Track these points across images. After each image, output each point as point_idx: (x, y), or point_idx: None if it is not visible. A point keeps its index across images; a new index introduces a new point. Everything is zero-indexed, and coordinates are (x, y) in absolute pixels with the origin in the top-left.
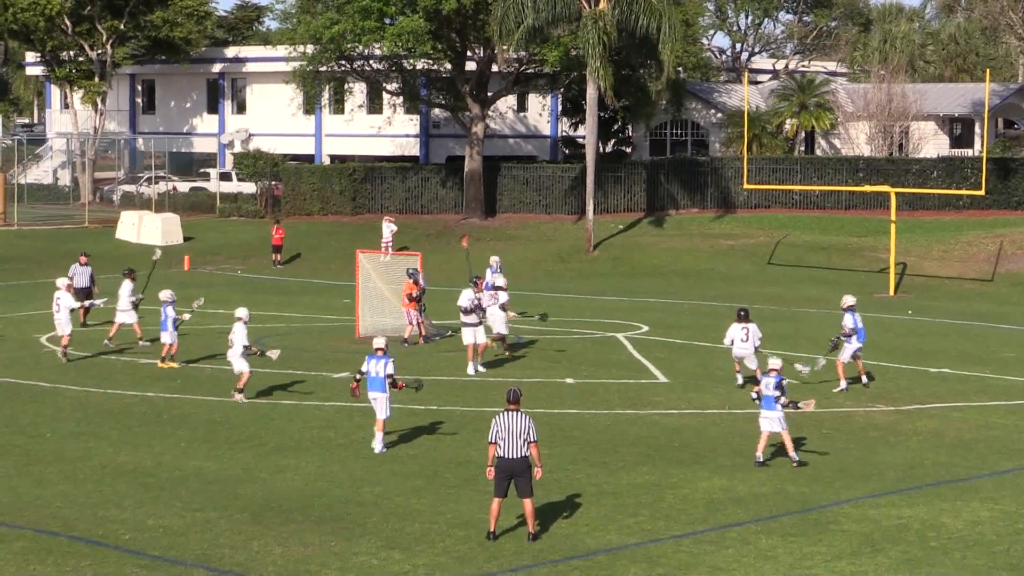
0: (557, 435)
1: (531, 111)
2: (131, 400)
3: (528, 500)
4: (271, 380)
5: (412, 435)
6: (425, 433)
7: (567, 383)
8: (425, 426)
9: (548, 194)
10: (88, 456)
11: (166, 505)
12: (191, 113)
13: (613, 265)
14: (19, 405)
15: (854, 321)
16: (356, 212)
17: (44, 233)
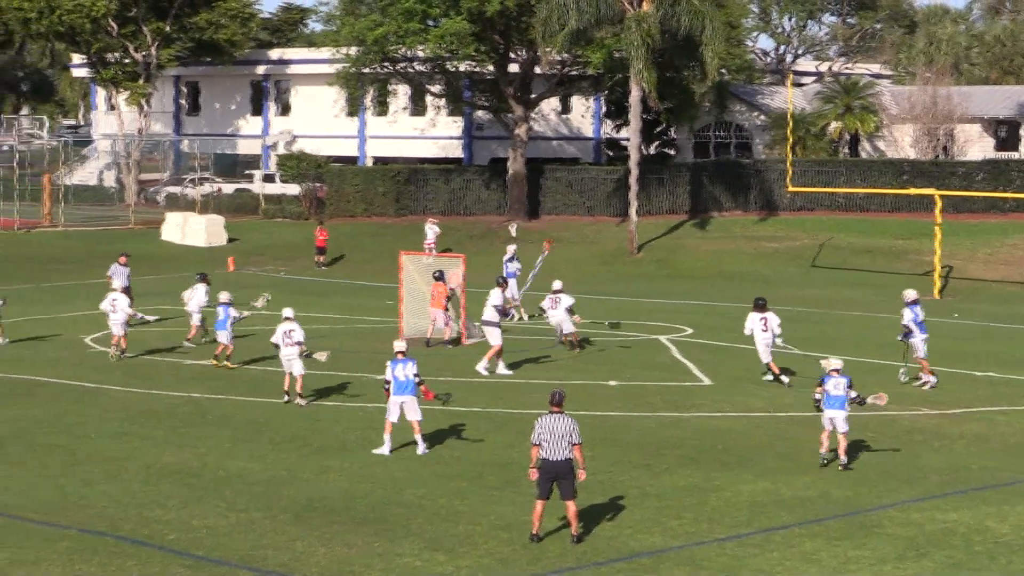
0: (600, 437)
1: (574, 113)
2: (175, 400)
3: (571, 502)
4: (314, 382)
5: (455, 437)
6: (468, 435)
7: (610, 385)
8: (468, 428)
9: (591, 196)
10: (133, 456)
11: (210, 505)
12: (235, 115)
13: (656, 267)
14: (64, 405)
15: (913, 315)
16: (399, 214)
17: (89, 234)
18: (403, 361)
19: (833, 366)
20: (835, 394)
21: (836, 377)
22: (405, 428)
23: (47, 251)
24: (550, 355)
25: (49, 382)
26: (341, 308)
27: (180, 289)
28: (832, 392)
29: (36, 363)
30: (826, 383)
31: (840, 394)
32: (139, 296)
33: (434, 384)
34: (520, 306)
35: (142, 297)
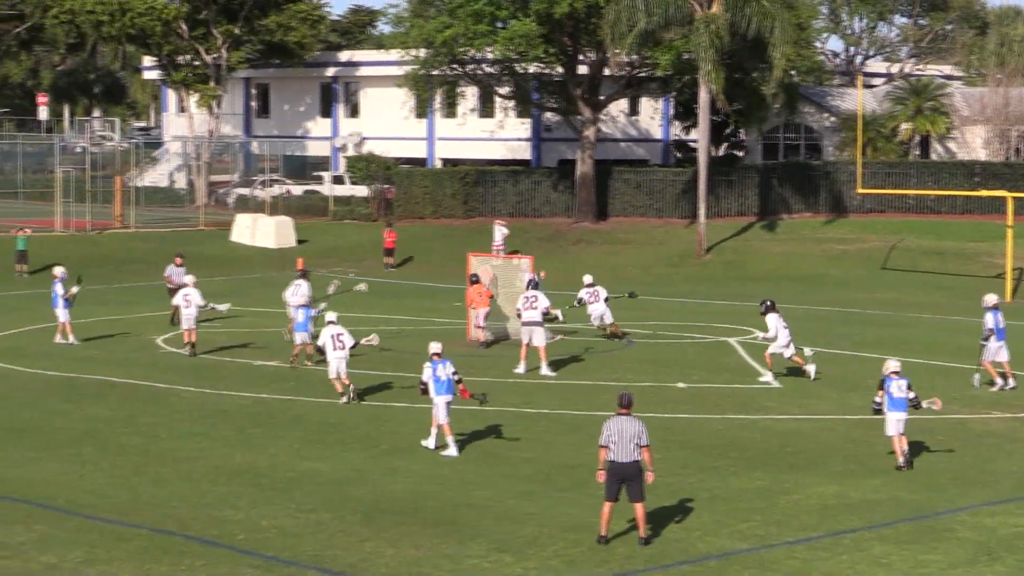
0: (669, 439)
1: (643, 115)
2: (245, 401)
3: (639, 504)
4: (384, 382)
5: (523, 438)
6: (536, 436)
7: (678, 387)
8: (536, 429)
9: (660, 198)
10: (203, 456)
11: (280, 506)
12: (305, 117)
13: (725, 269)
14: (136, 406)
15: (995, 320)
16: (468, 215)
17: (160, 235)
18: (441, 362)
19: (892, 368)
20: (899, 396)
21: (897, 379)
22: (480, 429)
23: (118, 252)
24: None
25: (121, 382)
26: (409, 310)
27: (249, 290)
28: (896, 395)
29: (108, 364)
30: (888, 386)
31: (903, 396)
32: (209, 296)
33: (504, 386)
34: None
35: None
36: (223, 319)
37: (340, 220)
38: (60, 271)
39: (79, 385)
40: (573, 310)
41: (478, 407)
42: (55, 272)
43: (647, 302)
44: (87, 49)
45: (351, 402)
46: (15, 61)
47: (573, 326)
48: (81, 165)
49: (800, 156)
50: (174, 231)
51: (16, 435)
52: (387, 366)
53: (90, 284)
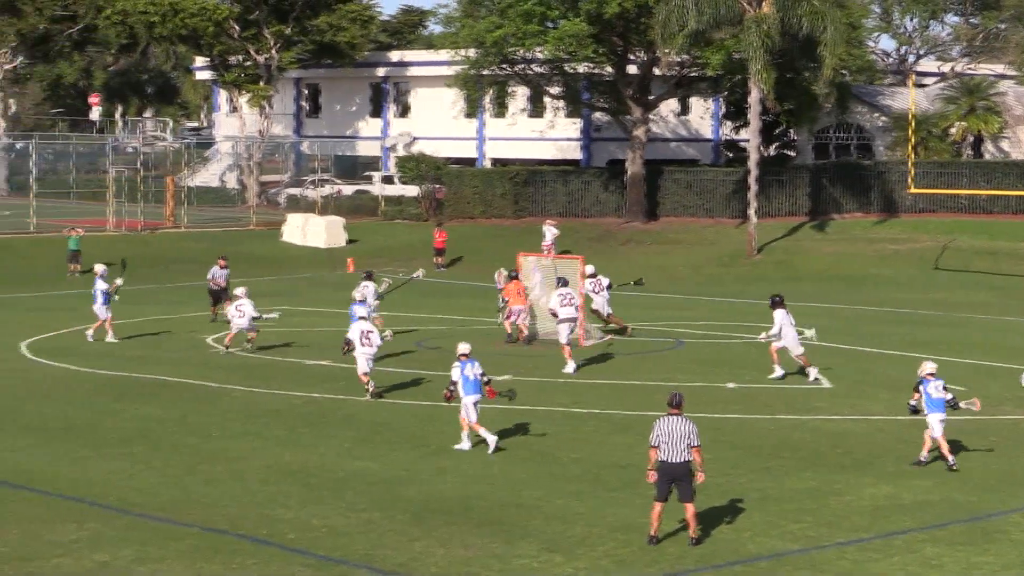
0: (719, 439)
1: (693, 114)
2: (297, 401)
3: (690, 505)
4: (433, 383)
5: (573, 438)
6: (586, 436)
7: (729, 387)
8: (586, 429)
9: (710, 198)
10: (254, 456)
11: (330, 505)
12: (355, 117)
13: (775, 269)
14: (188, 405)
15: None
16: (518, 215)
17: (211, 235)
18: (470, 361)
19: (929, 370)
20: (937, 397)
21: (934, 380)
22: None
23: (169, 252)
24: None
25: (173, 382)
26: (459, 309)
27: (299, 290)
28: (934, 395)
29: (160, 363)
30: (926, 387)
31: (942, 396)
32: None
33: (554, 386)
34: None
35: (262, 298)
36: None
37: (390, 220)
38: (101, 268)
39: (131, 384)
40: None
41: (507, 404)
42: (96, 269)
43: (696, 302)
44: (139, 50)
45: (372, 398)
46: (68, 62)
47: (624, 325)
48: (133, 165)
49: (851, 156)
50: (225, 231)
51: (68, 434)
52: (436, 366)
53: (142, 283)
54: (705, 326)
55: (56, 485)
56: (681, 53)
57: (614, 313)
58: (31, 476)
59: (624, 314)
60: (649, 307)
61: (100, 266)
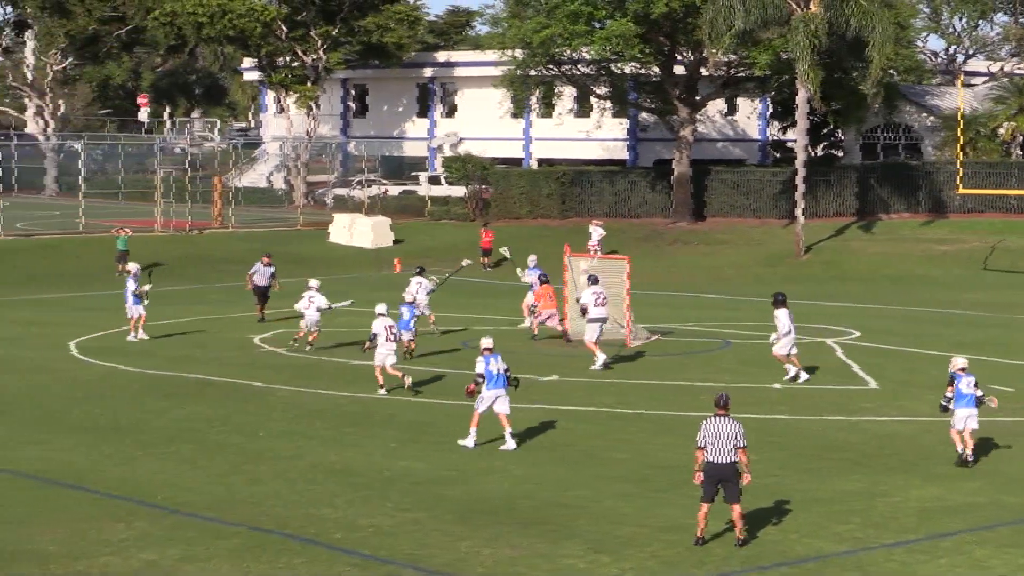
0: (766, 440)
1: (740, 114)
2: (342, 400)
3: (736, 506)
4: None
5: (619, 438)
6: (632, 437)
7: (775, 388)
8: (632, 430)
9: (757, 198)
10: (300, 455)
11: (376, 505)
12: (402, 117)
13: (823, 269)
14: (235, 404)
15: None
16: (564, 215)
17: (258, 235)
18: (494, 356)
19: (960, 365)
20: (968, 392)
21: (966, 376)
22: (576, 427)
23: (217, 252)
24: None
25: (219, 381)
26: (505, 309)
27: (346, 290)
28: (965, 391)
29: (206, 363)
30: (958, 382)
31: (972, 392)
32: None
33: (600, 387)
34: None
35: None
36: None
37: (437, 220)
38: (134, 267)
39: (177, 384)
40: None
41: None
42: (128, 268)
43: (743, 302)
44: (187, 51)
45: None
46: (117, 63)
47: (670, 325)
48: (181, 166)
49: (899, 156)
50: (272, 231)
51: (118, 433)
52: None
53: (190, 284)
54: (752, 327)
55: (104, 484)
56: (728, 53)
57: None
58: (80, 475)
59: (670, 315)
60: (695, 307)
61: (133, 265)
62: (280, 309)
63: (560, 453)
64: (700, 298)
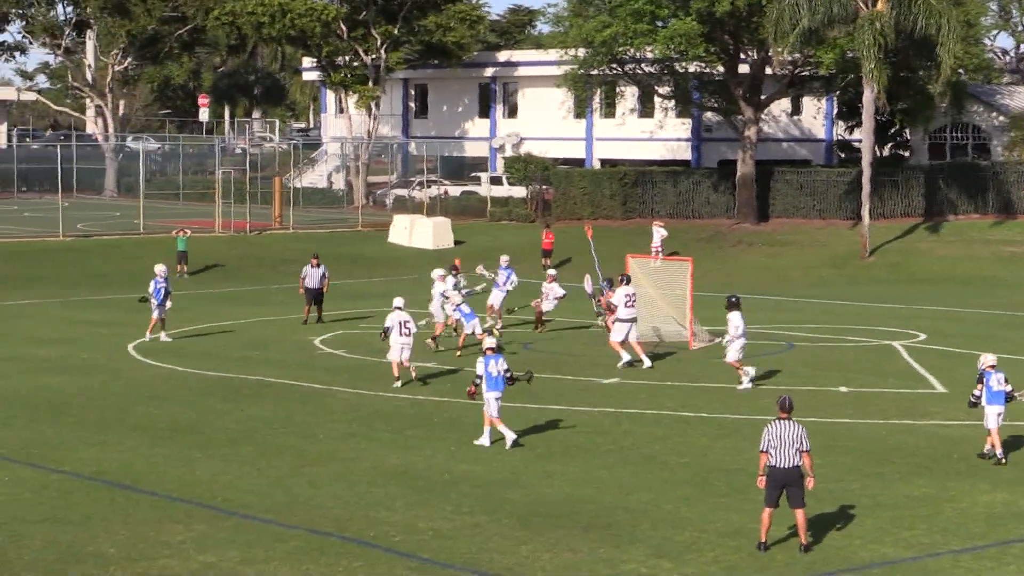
0: (830, 444)
1: (805, 114)
2: (402, 403)
3: (800, 511)
4: (539, 385)
5: (682, 442)
6: (695, 440)
7: (841, 392)
8: (694, 433)
9: (822, 199)
10: (360, 457)
11: (436, 508)
12: (463, 117)
13: (889, 271)
14: (294, 406)
15: None
16: (626, 216)
17: (318, 236)
18: (494, 357)
19: (989, 362)
20: (998, 389)
21: (996, 372)
22: (639, 430)
23: (277, 253)
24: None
25: (277, 383)
26: (566, 311)
27: (406, 290)
28: (995, 388)
29: (265, 364)
30: (988, 379)
31: (1002, 389)
32: (367, 297)
33: (662, 390)
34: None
35: (369, 299)
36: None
37: (497, 221)
38: (161, 268)
39: (237, 385)
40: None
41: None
42: (156, 270)
43: (807, 304)
44: (247, 51)
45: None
46: (177, 63)
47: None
48: (241, 166)
49: (968, 156)
50: (332, 232)
51: (177, 435)
52: (545, 368)
53: (250, 285)
54: (816, 329)
55: (164, 486)
56: (793, 52)
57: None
58: (139, 477)
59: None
60: (759, 309)
61: (161, 267)
62: (338, 311)
63: (622, 456)
64: (763, 300)
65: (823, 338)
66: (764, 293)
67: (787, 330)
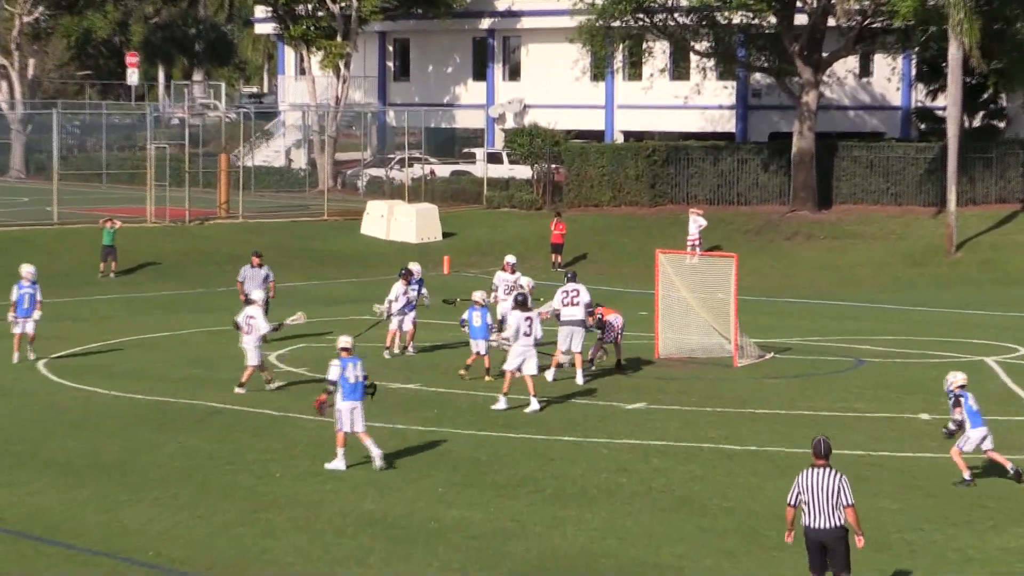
0: (909, 484)
1: (877, 76)
2: (378, 433)
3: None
4: (551, 412)
5: (725, 482)
6: (741, 480)
7: (921, 419)
8: (741, 472)
9: (898, 180)
10: (326, 501)
11: (419, 563)
12: (453, 80)
13: (981, 270)
14: (244, 437)
15: None
16: (655, 202)
17: (274, 227)
18: (352, 360)
19: (960, 381)
20: (977, 409)
21: (969, 393)
22: (671, 468)
23: (224, 248)
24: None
25: (225, 408)
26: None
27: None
28: (975, 408)
29: (210, 385)
30: (967, 401)
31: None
32: (336, 304)
33: (701, 417)
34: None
35: (339, 305)
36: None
37: (496, 208)
38: (28, 271)
39: (174, 412)
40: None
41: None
42: (22, 271)
43: (881, 311)
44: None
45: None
46: (100, 13)
47: (788, 340)
48: (179, 140)
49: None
50: (292, 222)
51: (99, 473)
52: (553, 390)
53: (189, 288)
54: (892, 342)
55: (83, 536)
56: (862, 0)
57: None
58: (53, 525)
59: (788, 326)
60: (820, 317)
61: (28, 267)
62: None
63: (651, 500)
64: (825, 306)
65: (899, 352)
66: (826, 297)
67: (855, 343)
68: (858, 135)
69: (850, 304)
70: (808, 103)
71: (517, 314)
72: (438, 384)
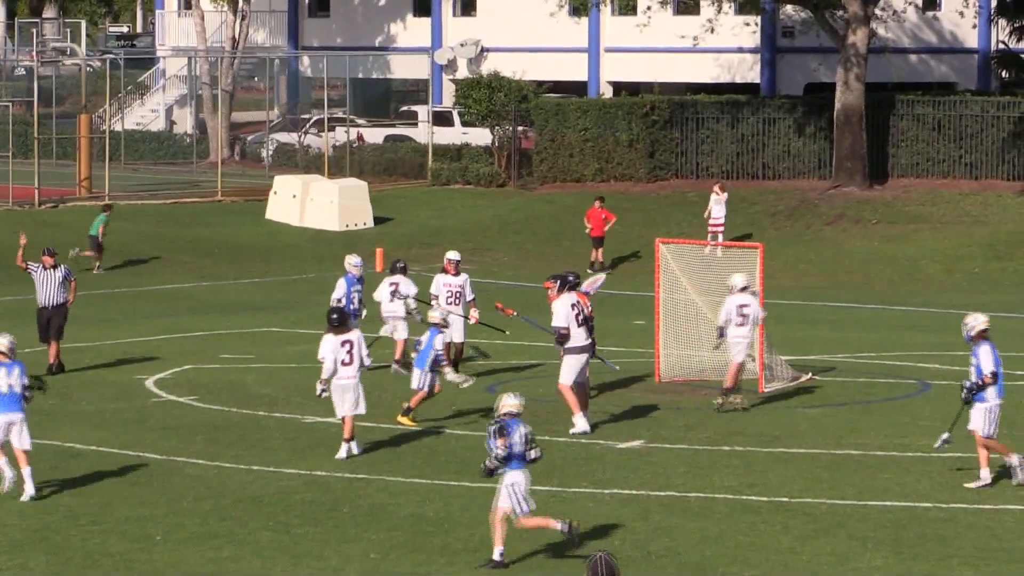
0: (992, 547)
1: (945, 10)
2: (290, 480)
3: None
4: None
5: (748, 543)
6: (768, 540)
7: (1011, 463)
8: (768, 529)
9: (974, 146)
10: (222, 573)
11: None
12: (387, 16)
13: None
14: (115, 488)
15: None
16: (655, 176)
17: (151, 211)
18: (7, 364)
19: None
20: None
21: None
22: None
23: (84, 236)
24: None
25: (88, 451)
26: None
27: (295, 301)
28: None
29: (71, 420)
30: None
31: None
32: (231, 312)
33: (716, 459)
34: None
35: (233, 314)
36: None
37: (445, 185)
38: None
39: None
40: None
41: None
42: None
43: (952, 318)
44: None
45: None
46: None
47: (832, 357)
48: (25, 97)
49: None
50: (175, 205)
51: None
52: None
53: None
54: (965, 358)
55: None
56: None
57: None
58: None
59: (831, 339)
60: (875, 327)
61: None
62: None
63: (653, 568)
64: (879, 311)
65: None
66: (880, 300)
67: (920, 360)
68: (922, 87)
69: (912, 309)
70: (856, 45)
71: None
72: (382, 418)
